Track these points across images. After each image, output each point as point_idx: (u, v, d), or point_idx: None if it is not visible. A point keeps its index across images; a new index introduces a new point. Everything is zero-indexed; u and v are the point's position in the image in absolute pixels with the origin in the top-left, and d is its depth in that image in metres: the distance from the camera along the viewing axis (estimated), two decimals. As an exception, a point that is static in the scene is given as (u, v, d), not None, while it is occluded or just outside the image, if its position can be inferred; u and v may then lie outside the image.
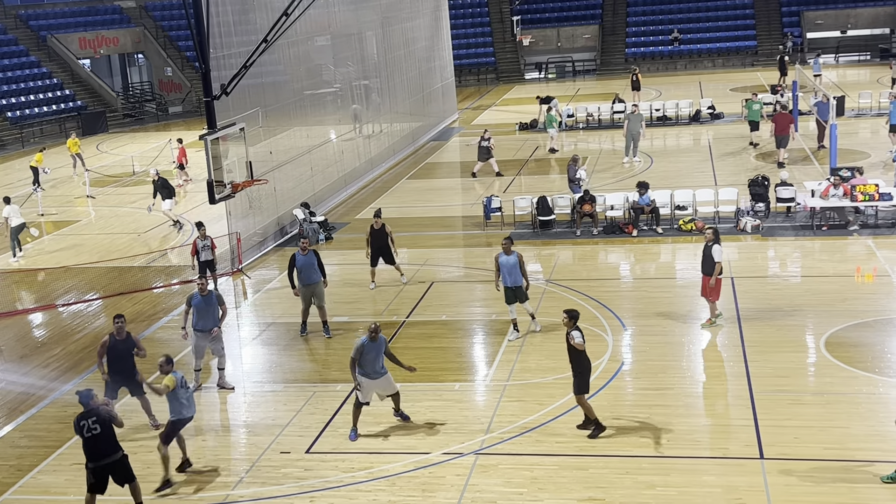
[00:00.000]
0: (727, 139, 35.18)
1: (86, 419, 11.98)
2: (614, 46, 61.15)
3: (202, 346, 16.22)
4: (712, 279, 17.16)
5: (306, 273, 18.29)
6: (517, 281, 17.38)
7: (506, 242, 17.51)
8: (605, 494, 12.21)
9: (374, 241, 20.85)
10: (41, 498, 13.16)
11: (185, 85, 57.17)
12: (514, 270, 17.31)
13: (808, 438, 13.23)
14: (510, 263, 17.31)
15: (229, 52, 23.37)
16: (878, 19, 57.92)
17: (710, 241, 17.20)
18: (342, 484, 12.93)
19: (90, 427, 11.97)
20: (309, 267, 18.27)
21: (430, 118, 42.88)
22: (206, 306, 16.07)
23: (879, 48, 55.26)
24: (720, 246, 17.22)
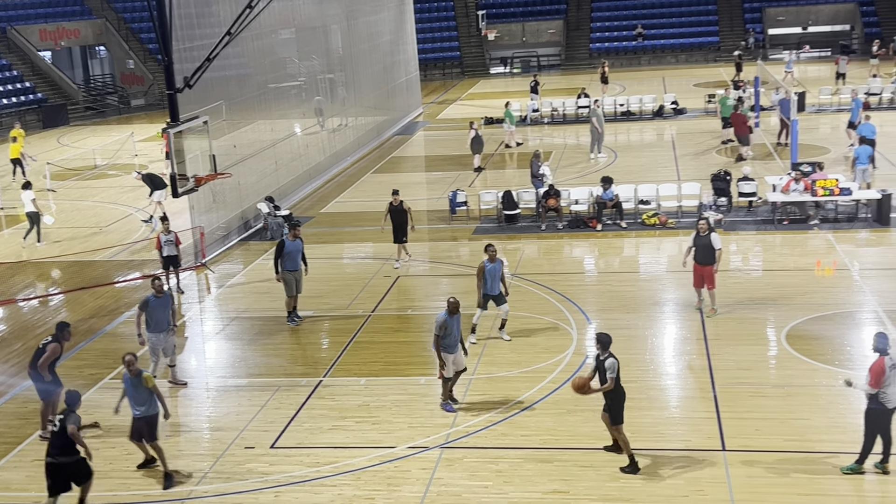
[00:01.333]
0: (690, 134, 35.45)
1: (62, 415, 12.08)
2: (579, 41, 61.38)
3: (158, 347, 16.02)
4: (716, 266, 17.45)
5: (294, 259, 18.44)
6: (496, 289, 17.12)
7: (491, 250, 17.06)
8: (569, 487, 12.28)
9: (393, 218, 21.53)
10: (2, 494, 13.01)
11: (147, 78, 56.61)
12: (497, 277, 17.07)
13: (769, 430, 13.39)
14: (495, 271, 17.03)
15: (192, 44, 23.17)
16: (839, 16, 58.63)
17: (705, 232, 17.49)
18: (307, 479, 12.90)
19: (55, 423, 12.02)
20: (297, 253, 18.51)
21: (394, 112, 42.80)
22: (161, 307, 15.91)
23: (840, 44, 55.91)
24: (717, 234, 17.58)
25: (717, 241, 17.48)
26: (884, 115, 36.24)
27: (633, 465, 12.57)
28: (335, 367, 16.59)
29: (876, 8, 57.18)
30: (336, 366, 16.66)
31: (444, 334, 14.35)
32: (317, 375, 16.25)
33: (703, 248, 17.57)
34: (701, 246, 17.61)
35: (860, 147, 25.58)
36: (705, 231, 17.57)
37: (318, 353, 17.45)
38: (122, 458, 13.70)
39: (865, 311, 17.74)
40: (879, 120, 35.42)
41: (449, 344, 14.45)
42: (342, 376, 16.19)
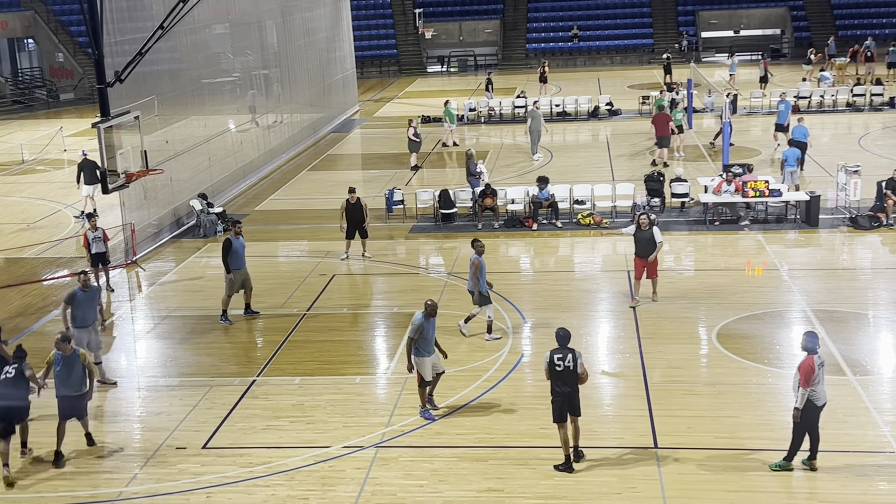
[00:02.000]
0: (625, 135, 35.83)
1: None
2: (515, 42, 61.67)
3: (83, 342, 15.68)
4: (651, 257, 18.13)
5: (240, 257, 18.34)
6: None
7: (479, 245, 17.15)
8: (504, 485, 12.31)
9: (349, 215, 21.72)
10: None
11: (77, 71, 55.49)
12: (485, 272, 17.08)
13: (700, 428, 13.57)
14: (484, 265, 17.07)
15: (124, 38, 22.76)
16: (770, 20, 59.79)
17: (647, 226, 18.18)
18: (240, 479, 12.74)
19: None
20: (242, 251, 18.42)
21: (331, 109, 42.55)
22: (89, 301, 15.65)
23: (770, 48, 57.03)
24: (657, 228, 18.33)
25: (658, 234, 18.20)
26: (813, 119, 37.03)
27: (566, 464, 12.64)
28: (269, 367, 16.42)
29: (806, 13, 58.43)
30: (270, 365, 16.49)
31: (418, 337, 14.12)
32: (250, 375, 16.07)
33: (645, 242, 18.16)
34: (643, 239, 18.18)
35: (788, 149, 26.09)
36: (647, 226, 18.18)
37: (252, 352, 17.26)
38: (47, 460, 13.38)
39: (794, 310, 18.09)
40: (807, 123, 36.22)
41: (424, 347, 14.19)
42: (276, 376, 16.03)
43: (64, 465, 13.30)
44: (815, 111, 38.60)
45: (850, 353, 15.88)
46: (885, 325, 17.31)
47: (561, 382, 12.59)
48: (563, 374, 12.56)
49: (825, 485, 12.05)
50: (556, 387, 12.64)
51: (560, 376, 12.58)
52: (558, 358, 12.61)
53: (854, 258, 21.44)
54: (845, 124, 36.51)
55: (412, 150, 31.88)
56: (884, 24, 56.75)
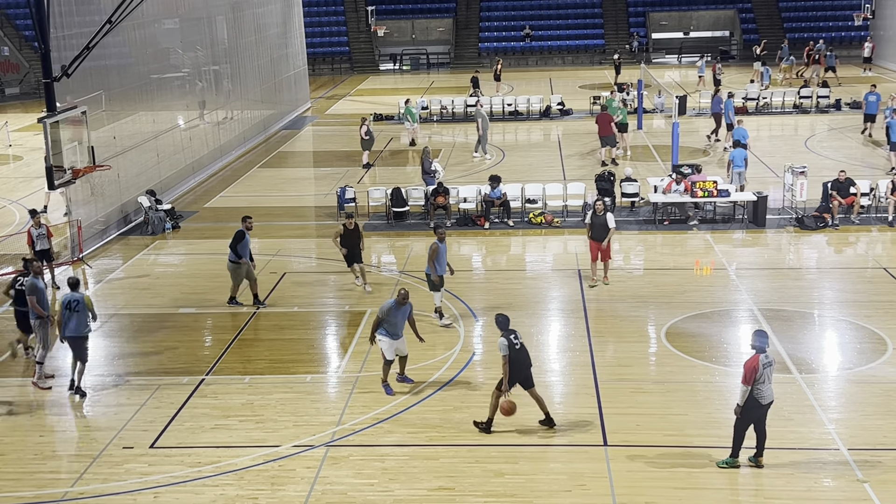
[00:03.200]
0: (576, 135, 36.04)
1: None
2: (468, 40, 61.75)
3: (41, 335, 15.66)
4: (605, 242, 19.29)
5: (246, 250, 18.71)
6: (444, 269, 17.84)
7: (440, 231, 17.95)
8: (454, 483, 12.33)
9: (347, 243, 19.61)
10: None
11: (23, 66, 54.49)
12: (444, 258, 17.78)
13: (649, 426, 13.70)
14: (443, 251, 17.72)
15: (71, 32, 22.41)
16: (719, 22, 60.54)
17: (601, 212, 19.37)
18: (188, 479, 12.61)
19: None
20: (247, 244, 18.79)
21: (282, 106, 42.27)
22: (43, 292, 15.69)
23: (719, 49, 57.73)
24: (611, 214, 19.53)
25: (611, 220, 19.34)
26: (760, 120, 37.59)
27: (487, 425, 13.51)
28: (218, 365, 16.27)
29: (755, 15, 59.24)
30: (219, 364, 16.35)
31: (386, 319, 14.69)
32: (199, 373, 15.91)
33: (599, 227, 19.31)
34: (598, 224, 19.32)
35: (735, 150, 26.41)
36: (601, 211, 19.38)
37: (201, 351, 17.08)
38: None
39: (741, 309, 18.33)
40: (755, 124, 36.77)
41: (391, 332, 14.79)
42: (226, 374, 15.89)
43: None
44: (762, 113, 39.14)
45: (796, 352, 16.13)
46: (831, 323, 17.61)
47: (520, 363, 13.35)
48: (521, 353, 13.41)
49: (771, 481, 12.23)
50: (516, 371, 13.30)
51: (519, 355, 13.35)
52: (514, 338, 13.36)
53: (800, 258, 21.78)
54: (792, 126, 37.09)
55: (364, 147, 31.77)
56: (830, 27, 57.74)
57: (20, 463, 13.13)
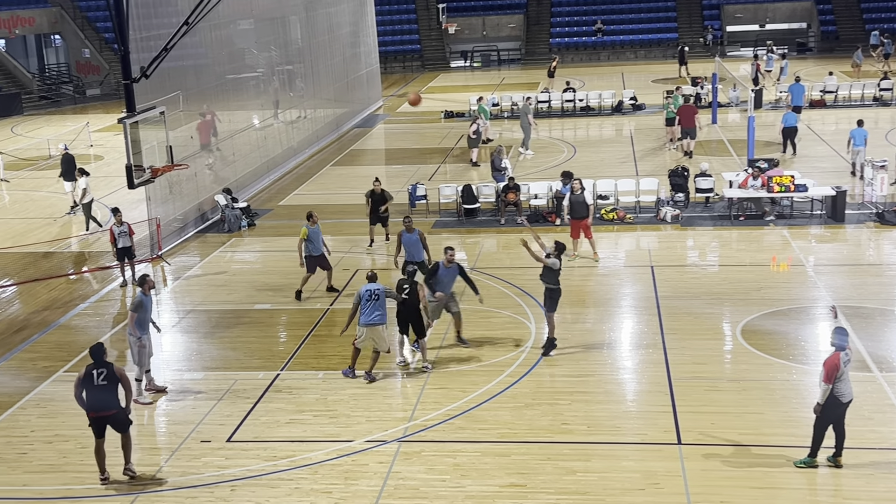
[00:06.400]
0: (648, 130, 35.68)
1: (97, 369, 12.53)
2: (539, 36, 61.51)
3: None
4: (590, 219, 20.93)
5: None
6: (420, 256, 18.50)
7: (408, 221, 18.86)
8: (526, 480, 12.32)
9: (374, 204, 22.47)
10: (-50, 490, 12.80)
11: (103, 67, 55.85)
12: (416, 247, 18.51)
13: (724, 424, 13.52)
14: (412, 241, 18.50)
15: (149, 34, 22.89)
16: (796, 14, 59.29)
17: (579, 190, 20.87)
18: (264, 472, 12.82)
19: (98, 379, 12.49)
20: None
21: (354, 105, 42.62)
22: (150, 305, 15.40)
23: (796, 42, 56.59)
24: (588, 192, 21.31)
25: (588, 197, 20.99)
26: (839, 113, 36.77)
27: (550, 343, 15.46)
28: (293, 361, 16.50)
29: (833, 6, 57.91)
30: (294, 359, 16.57)
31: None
32: (274, 369, 16.16)
33: (578, 205, 20.76)
34: (576, 203, 20.76)
35: (856, 129, 26.77)
36: (579, 190, 20.87)
37: (276, 347, 17.33)
38: (75, 452, 13.53)
39: (819, 306, 17.97)
40: (834, 117, 36.01)
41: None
42: (300, 370, 16.10)
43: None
44: (841, 105, 38.27)
45: (877, 350, 15.76)
46: (912, 321, 17.17)
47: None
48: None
49: (850, 482, 11.98)
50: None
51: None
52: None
53: (880, 254, 21.27)
54: (872, 118, 36.15)
55: (471, 146, 31.68)
56: (912, 16, 56.21)
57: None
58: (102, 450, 12.67)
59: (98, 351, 12.60)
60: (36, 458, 13.47)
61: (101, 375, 12.43)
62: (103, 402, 12.49)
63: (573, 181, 21.46)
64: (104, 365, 12.51)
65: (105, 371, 12.45)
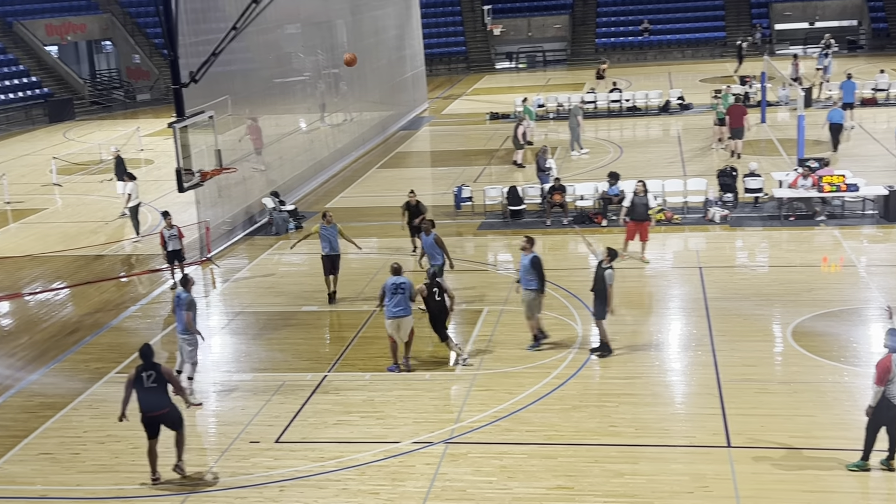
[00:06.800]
0: (696, 130, 35.37)
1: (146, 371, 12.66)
2: (584, 37, 61.27)
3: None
4: (652, 223, 21.12)
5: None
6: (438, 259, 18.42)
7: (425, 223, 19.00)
8: (573, 483, 12.27)
9: (410, 216, 22.01)
10: (8, 487, 13.04)
11: (153, 72, 56.62)
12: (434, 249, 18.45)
13: (774, 427, 13.36)
14: (428, 243, 18.48)
15: (198, 39, 23.15)
16: (846, 11, 58.39)
17: (641, 193, 20.67)
18: (312, 473, 12.91)
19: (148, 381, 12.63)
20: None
21: (400, 107, 42.76)
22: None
23: (847, 40, 55.76)
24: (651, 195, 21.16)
25: (651, 201, 20.92)
26: (891, 111, 36.17)
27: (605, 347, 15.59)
28: (340, 362, 16.59)
29: (884, 3, 56.96)
30: (341, 361, 16.67)
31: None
32: (321, 370, 16.26)
33: (641, 207, 20.58)
34: (639, 205, 20.57)
35: None
36: (642, 192, 20.56)
37: (323, 348, 17.45)
38: (127, 452, 13.73)
39: (872, 307, 17.69)
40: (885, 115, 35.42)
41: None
42: (347, 371, 16.19)
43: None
44: (893, 104, 37.63)
45: (931, 352, 15.45)
46: (968, 322, 16.83)
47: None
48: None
49: (904, 486, 11.79)
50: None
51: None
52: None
53: (935, 254, 20.88)
54: (926, 117, 35.55)
55: (517, 147, 31.65)
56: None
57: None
58: (155, 451, 12.85)
59: (146, 352, 12.77)
60: (89, 458, 13.69)
61: (151, 377, 12.60)
62: (155, 403, 12.67)
63: (636, 183, 21.04)
64: (153, 366, 12.69)
65: (154, 372, 12.63)
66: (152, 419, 12.72)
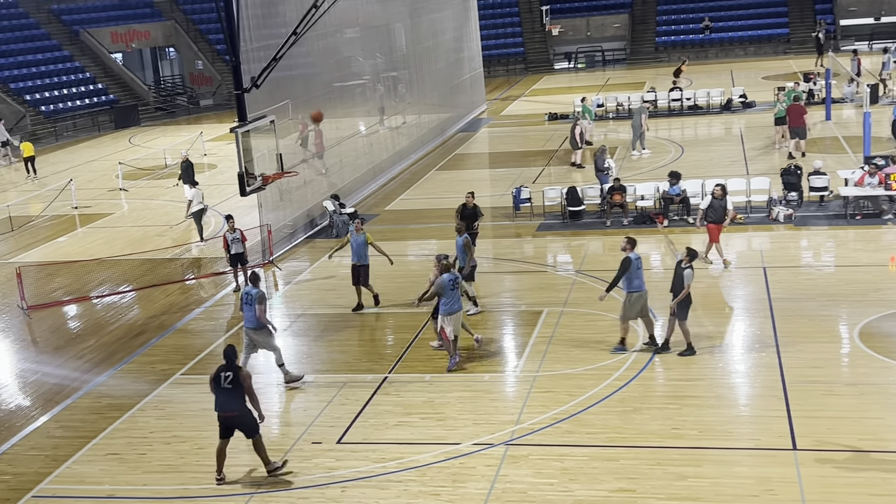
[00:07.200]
0: (759, 128, 34.86)
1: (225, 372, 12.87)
2: (644, 35, 60.77)
3: None
4: (726, 222, 20.55)
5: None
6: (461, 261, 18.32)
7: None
8: (636, 485, 12.17)
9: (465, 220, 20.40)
10: (76, 487, 13.32)
11: (215, 78, 57.45)
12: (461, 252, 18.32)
13: (841, 429, 13.11)
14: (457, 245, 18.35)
15: (259, 44, 23.45)
16: (914, 5, 57.18)
17: (720, 197, 20.38)
18: (373, 474, 12.98)
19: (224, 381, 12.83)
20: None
21: (458, 109, 42.81)
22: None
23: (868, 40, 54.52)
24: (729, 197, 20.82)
25: (729, 202, 20.59)
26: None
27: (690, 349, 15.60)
28: (400, 364, 16.66)
29: (953, -4, 55.67)
30: (401, 362, 16.74)
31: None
32: (382, 371, 16.35)
33: (718, 209, 20.29)
34: (719, 208, 20.29)
35: None
36: (720, 195, 20.37)
37: (384, 350, 17.55)
38: (192, 453, 13.94)
39: (942, 307, 17.28)
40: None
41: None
42: (407, 372, 16.25)
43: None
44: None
45: None
46: None
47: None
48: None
49: (978, 491, 11.49)
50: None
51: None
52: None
53: None
54: None
55: (574, 147, 31.56)
56: None
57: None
58: (224, 451, 13.04)
59: (230, 354, 13.02)
60: (155, 458, 13.93)
61: (228, 378, 12.79)
62: (226, 404, 12.89)
63: (715, 187, 20.77)
64: (232, 368, 12.88)
65: (232, 375, 12.80)
66: (223, 419, 12.93)
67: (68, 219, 29.98)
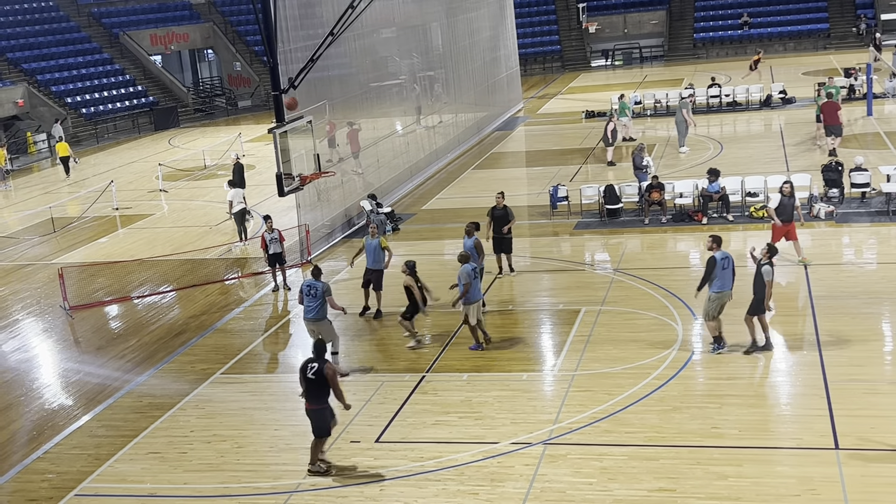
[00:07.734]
0: (799, 124, 34.48)
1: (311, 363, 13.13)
2: (682, 32, 60.35)
3: None
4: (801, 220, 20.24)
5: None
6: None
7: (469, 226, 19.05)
8: (675, 485, 12.09)
9: (495, 223, 20.60)
10: (118, 486, 13.48)
11: (253, 79, 57.86)
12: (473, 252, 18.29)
13: (884, 428, 12.94)
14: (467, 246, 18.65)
15: (296, 45, 23.58)
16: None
17: (789, 195, 19.69)
18: (411, 473, 13.01)
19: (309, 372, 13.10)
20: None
21: (495, 108, 42.77)
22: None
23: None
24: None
25: (796, 200, 19.93)
26: None
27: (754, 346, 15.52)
28: (438, 363, 16.68)
29: None
30: (438, 361, 16.75)
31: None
32: (420, 371, 16.37)
33: (789, 208, 19.58)
34: (789, 206, 19.56)
35: None
36: (789, 192, 19.66)
37: (421, 349, 17.56)
38: (232, 452, 14.05)
39: None
40: None
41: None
42: (445, 372, 16.26)
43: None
44: None
45: None
46: None
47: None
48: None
49: None
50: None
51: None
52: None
53: None
54: None
55: (607, 144, 31.46)
56: None
57: (257, 455, 13.95)
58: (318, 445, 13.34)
59: (318, 347, 13.31)
60: (195, 457, 14.06)
61: (313, 370, 13.01)
62: (307, 395, 13.18)
63: (783, 184, 20.06)
64: (319, 361, 13.10)
65: (316, 367, 13.00)
66: (306, 411, 13.22)
67: (109, 220, 30.34)
